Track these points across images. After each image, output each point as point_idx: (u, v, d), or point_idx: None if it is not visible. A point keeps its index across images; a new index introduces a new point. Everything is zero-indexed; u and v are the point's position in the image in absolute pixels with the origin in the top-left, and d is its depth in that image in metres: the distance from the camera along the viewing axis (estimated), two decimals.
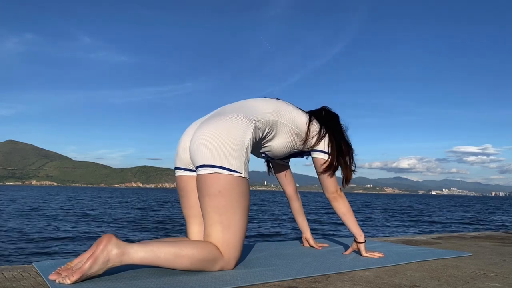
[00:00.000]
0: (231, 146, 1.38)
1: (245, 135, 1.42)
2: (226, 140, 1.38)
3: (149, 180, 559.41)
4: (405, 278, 1.35)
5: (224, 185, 1.35)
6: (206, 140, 1.39)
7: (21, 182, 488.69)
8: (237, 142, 1.39)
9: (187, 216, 1.57)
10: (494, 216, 20.66)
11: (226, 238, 1.35)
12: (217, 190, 1.35)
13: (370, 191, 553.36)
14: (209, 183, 1.36)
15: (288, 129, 1.62)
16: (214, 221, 1.35)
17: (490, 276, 1.43)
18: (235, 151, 1.38)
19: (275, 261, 1.57)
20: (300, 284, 1.23)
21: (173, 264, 1.26)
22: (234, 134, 1.40)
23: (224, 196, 1.35)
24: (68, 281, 1.10)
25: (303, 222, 2.01)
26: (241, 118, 1.45)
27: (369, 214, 18.82)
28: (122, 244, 1.18)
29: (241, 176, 1.38)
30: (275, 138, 1.61)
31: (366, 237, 1.90)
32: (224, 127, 1.41)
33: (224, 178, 1.35)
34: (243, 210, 1.39)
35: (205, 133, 1.41)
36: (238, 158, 1.38)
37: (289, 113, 1.62)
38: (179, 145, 1.56)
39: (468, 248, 2.15)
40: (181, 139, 1.56)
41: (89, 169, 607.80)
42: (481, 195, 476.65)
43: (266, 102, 1.61)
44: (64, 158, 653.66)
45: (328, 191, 1.73)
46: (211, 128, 1.41)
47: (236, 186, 1.37)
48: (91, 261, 1.13)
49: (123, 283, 1.14)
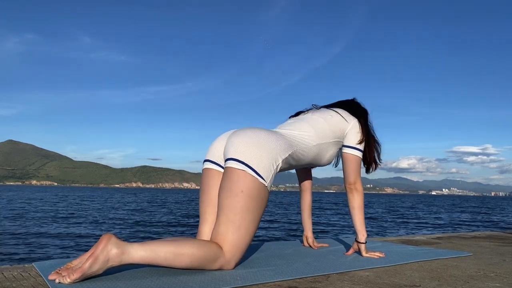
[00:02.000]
0: (265, 155, 1.43)
1: (278, 155, 1.47)
2: (263, 147, 1.44)
3: (149, 180, 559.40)
4: (405, 278, 1.35)
5: (248, 186, 1.37)
6: (247, 139, 1.44)
7: (21, 182, 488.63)
8: (272, 155, 1.45)
9: (203, 212, 1.54)
10: (495, 216, 20.64)
11: (234, 238, 1.35)
12: (240, 190, 1.37)
13: (370, 191, 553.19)
14: (234, 179, 1.38)
15: (330, 145, 1.70)
16: (227, 219, 1.36)
17: (490, 276, 1.43)
18: (268, 161, 1.43)
19: (275, 261, 1.57)
20: (300, 284, 1.23)
21: (173, 262, 1.26)
22: (272, 147, 1.46)
23: (244, 197, 1.36)
24: (68, 280, 1.10)
25: (308, 219, 2.02)
26: (282, 140, 1.52)
27: (378, 215, 18.52)
28: (121, 243, 1.18)
29: (264, 184, 1.41)
30: (322, 158, 1.71)
31: (367, 237, 1.90)
32: (266, 137, 1.47)
33: (251, 179, 1.38)
34: (257, 216, 1.40)
35: (247, 133, 1.47)
36: (268, 168, 1.42)
37: (327, 130, 1.68)
38: (215, 140, 1.59)
39: (468, 248, 2.15)
40: (219, 137, 1.59)
41: (89, 169, 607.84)
42: (481, 195, 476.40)
43: (308, 128, 1.65)
44: (64, 158, 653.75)
45: (347, 181, 1.75)
46: (254, 132, 1.48)
47: (258, 192, 1.39)
48: (91, 260, 1.13)
49: (123, 283, 1.14)
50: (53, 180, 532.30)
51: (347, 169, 1.75)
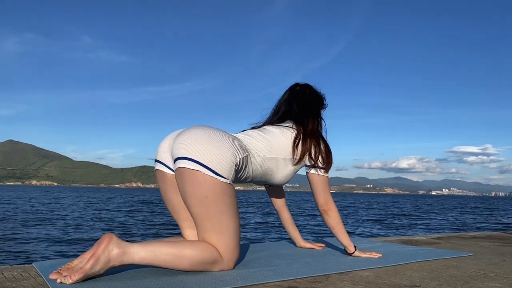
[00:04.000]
0: (221, 151, 1.32)
1: (236, 149, 1.37)
2: (218, 143, 1.33)
3: (149, 180, 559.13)
4: (405, 278, 1.35)
5: (211, 190, 1.30)
6: (196, 136, 1.34)
7: (21, 182, 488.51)
8: (228, 149, 1.34)
9: (177, 220, 1.51)
10: (495, 216, 20.64)
11: (222, 242, 1.33)
12: (204, 195, 1.30)
13: (370, 191, 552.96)
14: (194, 183, 1.30)
15: (284, 160, 1.58)
16: (206, 228, 1.33)
17: (490, 276, 1.43)
18: (224, 156, 1.32)
19: (275, 261, 1.57)
20: (300, 284, 1.23)
21: (173, 265, 1.26)
22: (226, 142, 1.35)
23: (211, 202, 1.30)
24: (69, 281, 1.10)
25: (295, 232, 1.97)
26: (236, 140, 1.41)
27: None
28: (123, 243, 1.19)
29: (227, 182, 1.33)
30: (275, 174, 1.59)
31: (366, 237, 1.89)
32: (217, 135, 1.37)
33: (211, 181, 1.29)
34: (232, 212, 1.36)
35: (197, 130, 1.36)
36: (226, 163, 1.32)
37: (279, 142, 1.56)
38: (162, 140, 1.50)
39: (468, 248, 2.15)
40: (166, 137, 1.50)
41: (89, 169, 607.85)
42: (481, 195, 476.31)
43: (259, 139, 1.54)
44: (64, 158, 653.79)
45: (318, 203, 1.67)
46: (203, 129, 1.37)
47: (223, 191, 1.32)
48: (93, 260, 1.13)
49: (123, 283, 1.14)
50: (53, 180, 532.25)
51: (316, 190, 1.65)
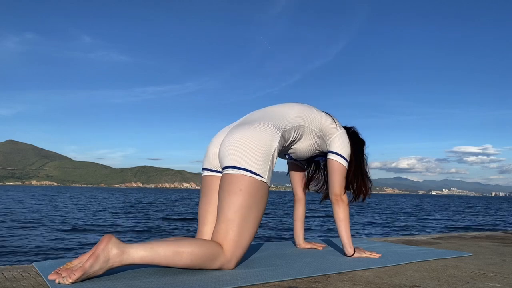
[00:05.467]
0: (258, 152, 1.43)
1: (272, 143, 1.47)
2: (254, 146, 1.43)
3: (149, 180, 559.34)
4: (405, 278, 1.35)
5: (246, 184, 1.39)
6: (235, 144, 1.44)
7: (21, 182, 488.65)
8: (264, 149, 1.44)
9: (203, 212, 1.55)
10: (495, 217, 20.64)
11: (234, 235, 1.36)
12: (238, 188, 1.38)
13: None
14: (233, 181, 1.40)
15: (313, 132, 1.66)
16: (227, 217, 1.37)
17: (490, 276, 1.43)
18: (261, 157, 1.43)
19: (275, 261, 1.57)
20: (300, 284, 1.23)
21: (173, 261, 1.26)
22: (262, 141, 1.45)
23: (243, 195, 1.38)
24: (69, 281, 1.10)
25: (300, 230, 1.98)
26: (269, 126, 1.51)
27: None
28: (122, 244, 1.19)
29: (263, 181, 1.42)
30: (300, 141, 1.66)
31: (367, 237, 1.89)
32: (253, 135, 1.46)
33: (248, 179, 1.39)
34: (257, 212, 1.41)
35: (235, 137, 1.46)
36: (263, 164, 1.43)
37: (313, 116, 1.66)
38: (209, 146, 1.60)
39: (468, 248, 2.15)
40: (212, 141, 1.61)
41: (89, 169, 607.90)
42: (481, 195, 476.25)
43: (290, 108, 1.64)
44: (64, 158, 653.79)
45: (333, 192, 1.71)
46: (240, 134, 1.47)
47: (257, 189, 1.40)
48: (92, 259, 1.13)
49: (123, 283, 1.14)
50: (53, 180, 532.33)
51: (333, 178, 1.70)
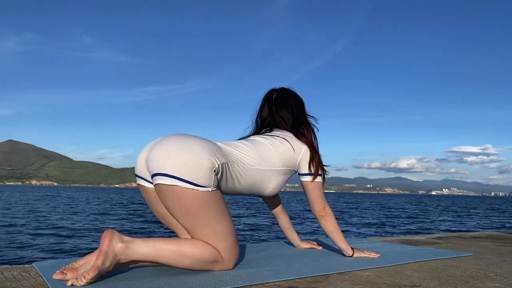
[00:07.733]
0: (197, 158, 1.25)
1: (215, 155, 1.30)
2: (193, 152, 1.26)
3: None
4: (405, 278, 1.35)
5: (192, 202, 1.26)
6: (170, 148, 1.27)
7: (21, 182, 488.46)
8: (206, 155, 1.27)
9: (172, 228, 1.47)
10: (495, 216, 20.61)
11: (219, 245, 1.33)
12: (186, 209, 1.27)
13: (370, 191, 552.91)
14: (175, 198, 1.26)
15: (280, 172, 1.55)
16: (200, 236, 1.32)
17: (490, 276, 1.43)
18: (201, 164, 1.25)
19: (275, 261, 1.57)
20: (300, 284, 1.23)
21: (175, 262, 1.26)
22: (202, 148, 1.29)
23: (196, 213, 1.28)
24: (84, 281, 1.10)
25: (293, 234, 1.95)
26: (214, 146, 1.35)
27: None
28: (125, 238, 1.20)
29: (208, 191, 1.28)
30: (266, 186, 1.54)
31: (366, 237, 1.89)
32: (192, 141, 1.31)
33: (191, 194, 1.25)
34: (222, 216, 1.33)
35: (171, 140, 1.30)
36: (204, 171, 1.26)
37: (274, 155, 1.52)
38: (140, 152, 1.42)
39: (468, 248, 2.15)
40: (144, 148, 1.42)
41: (89, 169, 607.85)
42: (481, 195, 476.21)
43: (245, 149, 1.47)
44: (64, 158, 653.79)
45: (316, 209, 1.64)
46: (179, 138, 1.31)
47: (206, 200, 1.28)
48: (102, 257, 1.14)
49: (123, 283, 1.14)
50: (53, 180, 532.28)
51: (311, 197, 1.63)
